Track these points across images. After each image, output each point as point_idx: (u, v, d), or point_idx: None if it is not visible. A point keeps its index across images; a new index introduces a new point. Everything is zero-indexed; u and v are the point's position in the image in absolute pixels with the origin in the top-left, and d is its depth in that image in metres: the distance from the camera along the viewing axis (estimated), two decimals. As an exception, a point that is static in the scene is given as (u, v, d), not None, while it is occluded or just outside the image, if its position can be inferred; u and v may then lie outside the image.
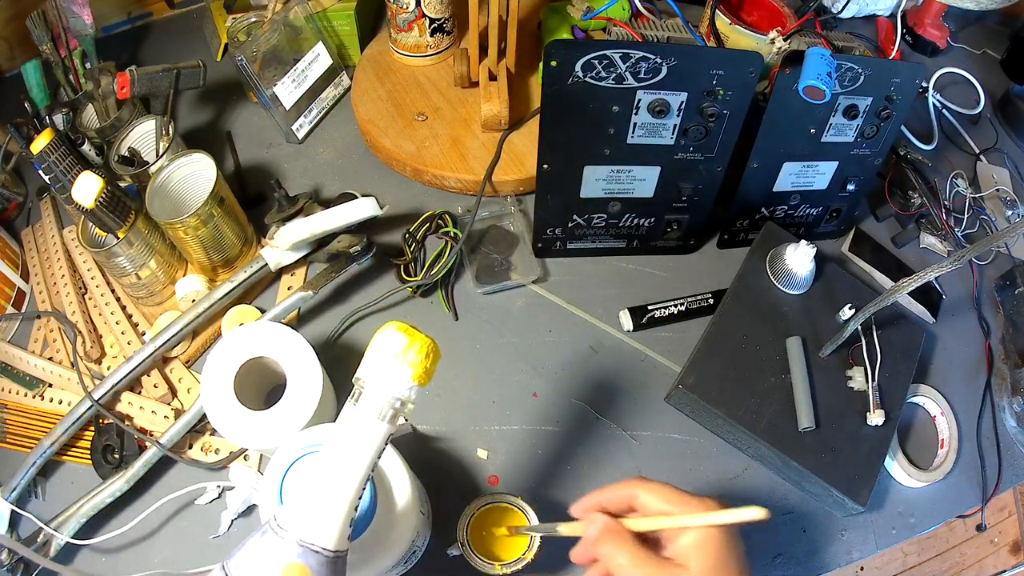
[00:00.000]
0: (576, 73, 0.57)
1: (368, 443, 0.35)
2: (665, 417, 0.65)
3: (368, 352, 0.36)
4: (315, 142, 0.83)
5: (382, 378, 0.35)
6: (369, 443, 0.35)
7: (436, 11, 0.80)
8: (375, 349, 0.35)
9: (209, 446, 0.61)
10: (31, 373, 0.64)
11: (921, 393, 0.68)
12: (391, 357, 0.35)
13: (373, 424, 0.35)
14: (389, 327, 0.35)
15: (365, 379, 0.35)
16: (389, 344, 0.35)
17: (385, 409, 0.35)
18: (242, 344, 0.55)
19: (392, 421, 0.35)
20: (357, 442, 0.35)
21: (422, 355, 0.35)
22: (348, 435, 0.35)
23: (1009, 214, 0.83)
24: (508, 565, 0.51)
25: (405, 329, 0.35)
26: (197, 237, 0.64)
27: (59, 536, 0.55)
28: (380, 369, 0.35)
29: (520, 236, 0.74)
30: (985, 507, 0.65)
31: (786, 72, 0.61)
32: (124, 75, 0.70)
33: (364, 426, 0.35)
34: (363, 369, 0.36)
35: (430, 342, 0.36)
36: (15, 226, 0.77)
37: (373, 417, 0.35)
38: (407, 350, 0.35)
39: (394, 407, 0.35)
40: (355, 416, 0.35)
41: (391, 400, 0.35)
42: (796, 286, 0.66)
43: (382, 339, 0.35)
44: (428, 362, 0.35)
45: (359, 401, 0.35)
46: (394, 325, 0.36)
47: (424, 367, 0.35)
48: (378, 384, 0.35)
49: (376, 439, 0.35)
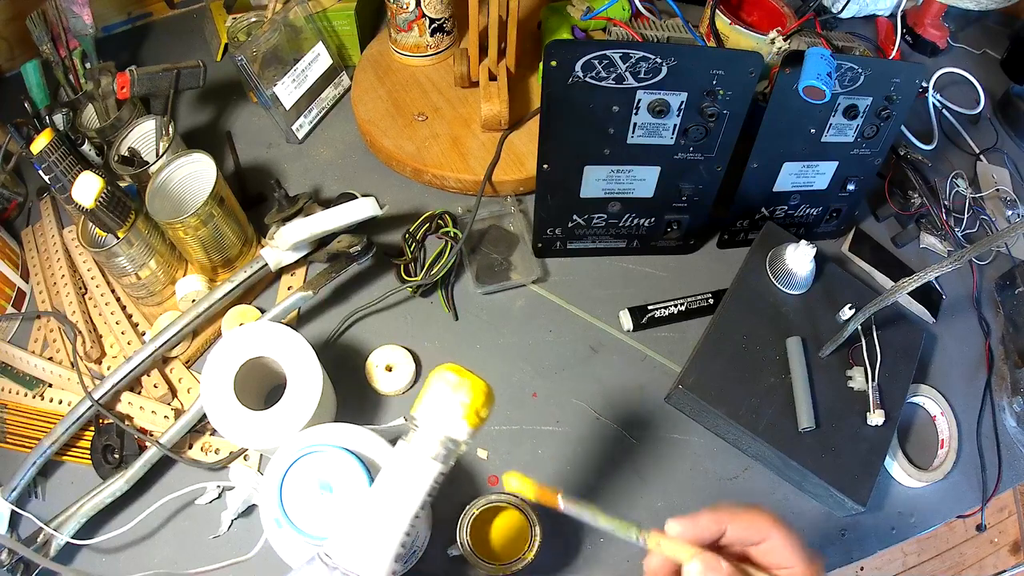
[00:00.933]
0: (576, 73, 0.57)
1: (419, 483, 0.35)
2: (665, 417, 0.65)
3: (424, 392, 0.36)
4: (315, 142, 0.83)
5: (437, 419, 0.35)
6: (420, 483, 0.35)
7: (436, 11, 0.80)
8: (432, 390, 0.35)
9: (209, 446, 0.61)
10: (31, 373, 0.64)
11: (921, 393, 0.68)
12: (447, 399, 0.35)
13: (425, 464, 0.35)
14: (447, 369, 0.36)
15: (420, 419, 0.35)
16: (446, 386, 0.35)
17: (438, 450, 0.35)
18: (242, 344, 0.55)
19: (444, 461, 0.35)
20: (408, 481, 0.35)
21: (479, 399, 0.35)
22: (400, 473, 0.35)
23: (1009, 214, 0.83)
24: (508, 565, 0.51)
25: (462, 372, 0.36)
26: (197, 237, 0.64)
27: (59, 536, 0.55)
28: (435, 410, 0.35)
29: (520, 236, 0.74)
30: (985, 507, 0.65)
31: (786, 72, 0.61)
32: (124, 75, 0.70)
33: (416, 465, 0.35)
34: (418, 408, 0.36)
35: (487, 386, 0.36)
36: (15, 226, 0.77)
37: (426, 457, 0.35)
38: (464, 393, 0.35)
39: (447, 448, 0.35)
40: (408, 455, 0.35)
41: (445, 441, 0.35)
42: (796, 286, 0.66)
43: (439, 380, 0.35)
44: (484, 406, 0.36)
45: (412, 440, 0.35)
46: (452, 367, 0.36)
47: (480, 410, 0.35)
48: (433, 425, 0.35)
49: (428, 479, 0.35)
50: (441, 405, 0.35)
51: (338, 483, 0.44)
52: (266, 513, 0.46)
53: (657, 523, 0.36)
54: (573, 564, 0.58)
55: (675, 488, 0.62)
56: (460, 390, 0.35)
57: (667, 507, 0.61)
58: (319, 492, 0.44)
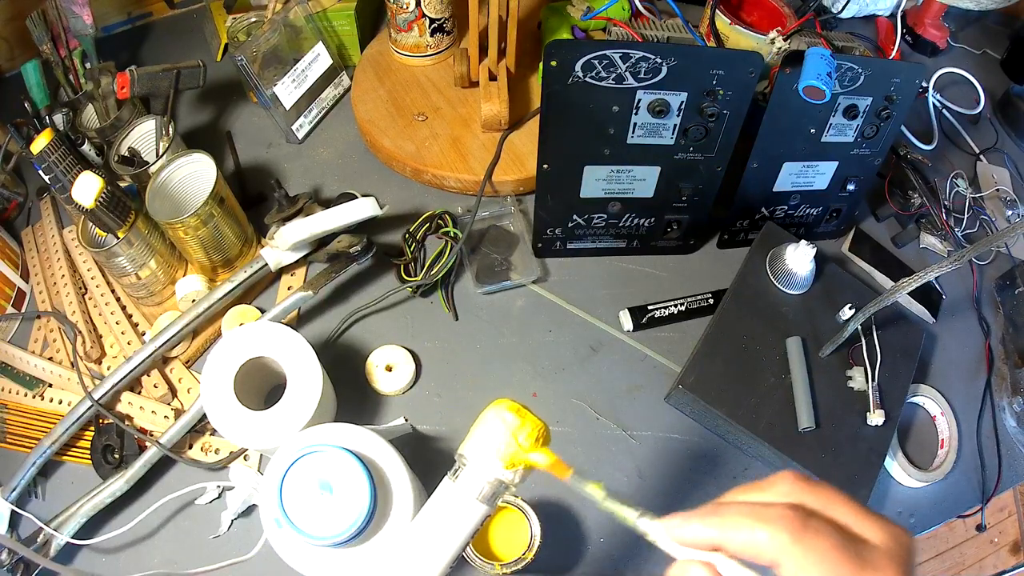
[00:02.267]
0: (576, 73, 0.57)
1: (463, 523, 0.33)
2: (665, 417, 0.65)
3: (476, 427, 0.34)
4: (315, 142, 0.83)
5: (488, 460, 0.33)
6: (464, 523, 0.33)
7: (436, 11, 0.80)
8: (486, 427, 0.33)
9: (209, 446, 0.61)
10: (31, 373, 0.64)
11: (921, 393, 0.68)
12: (502, 439, 0.33)
13: (470, 504, 0.33)
14: (501, 405, 0.33)
15: (470, 457, 0.33)
16: (502, 425, 0.33)
17: (486, 491, 0.33)
18: (242, 344, 0.55)
19: (490, 503, 0.33)
20: (452, 520, 0.33)
21: (532, 438, 0.33)
22: (444, 511, 0.33)
23: (1009, 214, 0.83)
24: (508, 565, 0.51)
25: (517, 410, 0.33)
26: (197, 237, 0.64)
27: (59, 536, 0.55)
28: (488, 450, 0.33)
29: (520, 236, 0.74)
30: (985, 507, 0.65)
31: (786, 72, 0.61)
32: (124, 75, 0.70)
33: (461, 505, 0.33)
34: (468, 446, 0.33)
35: (543, 426, 0.34)
36: (15, 226, 0.77)
37: (471, 497, 0.33)
38: (522, 435, 0.33)
39: (496, 490, 0.33)
40: (453, 493, 0.33)
41: (494, 483, 0.33)
42: (796, 286, 0.66)
43: (496, 418, 0.33)
44: (537, 446, 0.33)
45: (459, 478, 0.33)
46: (506, 404, 0.33)
47: (532, 450, 0.33)
48: (481, 464, 0.33)
49: (472, 520, 0.33)
50: (494, 445, 0.33)
51: (338, 483, 0.44)
52: (266, 513, 0.46)
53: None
54: (573, 564, 0.58)
55: (675, 488, 0.62)
56: (517, 431, 0.33)
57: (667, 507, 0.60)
58: (319, 492, 0.44)
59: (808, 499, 0.29)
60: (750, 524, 0.28)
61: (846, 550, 0.27)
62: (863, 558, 0.27)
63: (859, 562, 0.27)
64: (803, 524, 0.28)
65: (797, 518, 0.28)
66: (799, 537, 0.27)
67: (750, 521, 0.28)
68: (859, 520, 0.29)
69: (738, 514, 0.29)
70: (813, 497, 0.29)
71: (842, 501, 0.29)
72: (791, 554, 0.27)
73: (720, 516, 0.29)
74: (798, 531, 0.27)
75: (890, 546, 0.28)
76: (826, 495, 0.30)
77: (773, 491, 0.30)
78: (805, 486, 0.30)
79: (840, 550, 0.27)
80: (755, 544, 0.28)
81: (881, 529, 0.29)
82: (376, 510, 0.44)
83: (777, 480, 0.31)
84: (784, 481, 0.30)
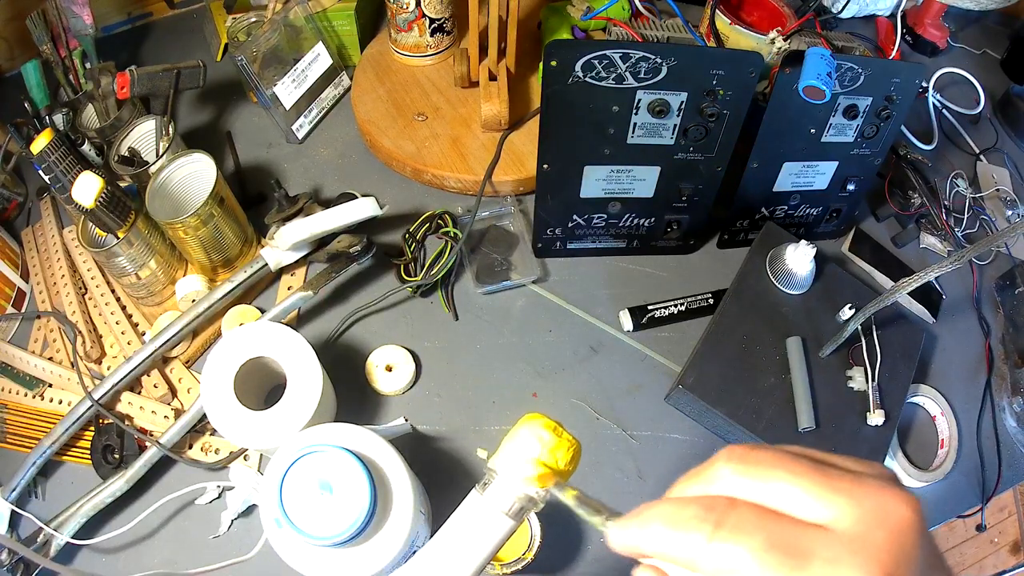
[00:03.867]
0: (576, 73, 0.57)
1: (490, 538, 0.33)
2: (665, 417, 0.65)
3: (508, 441, 0.33)
4: (315, 142, 0.83)
5: (519, 475, 0.32)
6: (490, 538, 0.33)
7: (436, 11, 0.80)
8: (519, 442, 0.33)
9: (209, 446, 0.61)
10: (31, 373, 0.64)
11: (921, 393, 0.68)
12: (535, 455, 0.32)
13: (498, 519, 0.32)
14: (536, 421, 0.33)
15: (500, 471, 0.33)
16: (537, 443, 0.32)
17: (515, 506, 0.32)
18: (242, 344, 0.55)
19: (517, 518, 0.33)
20: (478, 534, 0.33)
21: (566, 457, 0.32)
22: (470, 525, 0.33)
23: (1009, 214, 0.83)
24: (508, 565, 0.51)
25: (552, 428, 0.33)
26: (197, 237, 0.64)
27: (59, 536, 0.55)
28: (519, 465, 0.32)
29: (520, 236, 0.74)
30: (985, 507, 0.65)
31: (786, 72, 0.61)
32: (124, 75, 0.70)
33: (488, 519, 0.33)
34: (499, 459, 0.33)
35: (577, 444, 0.33)
36: (15, 226, 0.77)
37: (499, 512, 0.32)
38: (557, 453, 0.32)
39: (524, 505, 0.32)
40: (481, 507, 0.33)
41: (523, 498, 0.32)
42: (796, 286, 0.66)
43: (530, 434, 0.33)
44: (571, 465, 0.33)
45: (487, 491, 0.33)
46: (541, 421, 0.33)
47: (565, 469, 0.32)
48: (513, 480, 0.32)
49: (499, 535, 0.33)
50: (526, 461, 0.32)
51: (338, 483, 0.44)
52: (266, 513, 0.46)
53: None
54: (573, 564, 0.58)
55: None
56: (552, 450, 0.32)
57: (667, 507, 0.61)
58: (319, 492, 0.44)
59: (742, 479, 0.24)
60: (663, 530, 0.24)
61: (775, 549, 0.21)
62: (804, 554, 0.21)
63: (797, 561, 0.21)
64: (718, 522, 0.23)
65: (711, 516, 0.23)
66: (712, 539, 0.22)
67: (663, 526, 0.24)
68: (810, 495, 0.22)
69: (656, 517, 0.25)
70: (748, 474, 0.24)
71: (785, 471, 0.23)
72: (706, 561, 0.22)
73: (642, 521, 0.25)
74: (711, 532, 0.22)
75: (857, 528, 0.21)
76: (763, 467, 0.24)
77: (709, 475, 0.25)
78: (739, 463, 0.24)
79: (768, 549, 0.21)
80: (670, 553, 0.24)
81: (848, 502, 0.22)
82: (376, 510, 0.44)
83: (714, 461, 0.25)
84: (719, 460, 0.25)
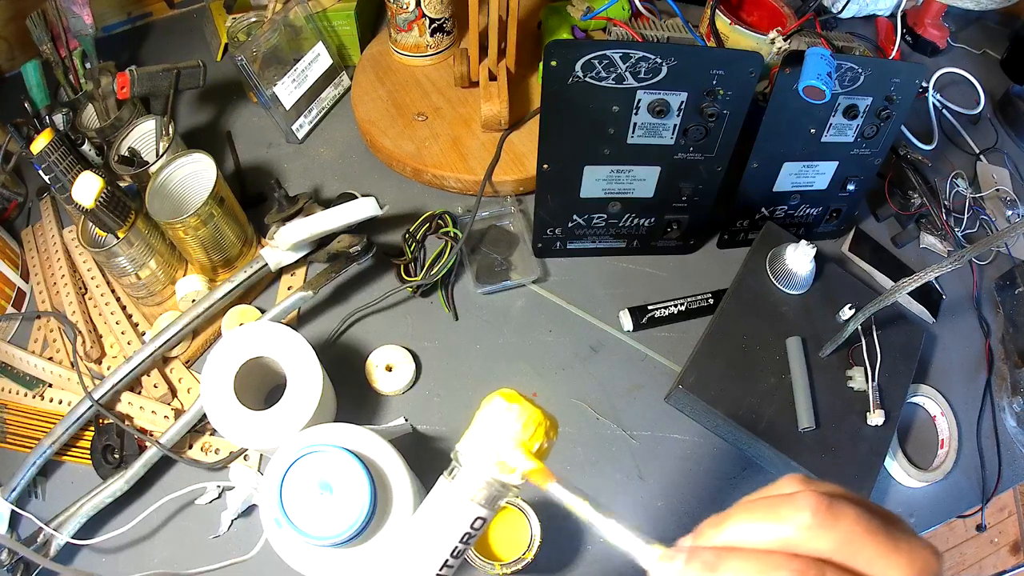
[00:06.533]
0: (576, 73, 0.57)
1: (455, 526, 0.30)
2: (665, 417, 0.65)
3: (474, 422, 0.30)
4: (315, 142, 0.83)
5: (483, 457, 0.29)
6: (457, 526, 0.30)
7: (436, 11, 0.80)
8: (482, 421, 0.30)
9: (209, 446, 0.61)
10: (31, 373, 0.64)
11: (921, 393, 0.68)
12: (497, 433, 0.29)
13: (464, 506, 0.30)
14: (500, 397, 0.30)
15: (464, 454, 0.30)
16: (498, 418, 0.30)
17: (482, 492, 0.30)
18: (242, 344, 0.55)
19: (489, 505, 0.30)
20: (443, 522, 0.30)
21: (538, 435, 0.29)
22: (436, 513, 0.31)
23: (1009, 214, 0.83)
24: (508, 565, 0.51)
25: (517, 399, 0.30)
26: (197, 237, 0.64)
27: (59, 536, 0.55)
28: (482, 446, 0.29)
29: (520, 236, 0.74)
30: (985, 507, 0.65)
31: (786, 72, 0.61)
32: (124, 75, 0.70)
33: (454, 507, 0.30)
34: (464, 442, 0.30)
35: (545, 419, 0.30)
36: (15, 226, 0.77)
37: (465, 499, 0.30)
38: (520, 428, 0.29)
39: (494, 490, 0.30)
40: (447, 494, 0.31)
41: (491, 483, 0.30)
42: (796, 286, 0.66)
43: (491, 411, 0.30)
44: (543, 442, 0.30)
45: (455, 478, 0.30)
46: (506, 394, 0.30)
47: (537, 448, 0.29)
48: (478, 463, 0.30)
49: (464, 523, 0.30)
50: (489, 440, 0.29)
51: (338, 483, 0.44)
52: (266, 513, 0.46)
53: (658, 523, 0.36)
54: (573, 564, 0.58)
55: (675, 488, 0.62)
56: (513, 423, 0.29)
57: (667, 507, 0.61)
58: (319, 492, 0.44)
59: (825, 533, 0.24)
60: None
61: None
62: None
63: None
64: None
65: None
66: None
67: None
68: (883, 559, 0.24)
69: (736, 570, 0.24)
70: (833, 530, 0.24)
71: (866, 533, 0.24)
72: None
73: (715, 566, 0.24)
74: None
75: None
76: (847, 527, 0.24)
77: (785, 514, 0.25)
78: (827, 515, 0.24)
79: None
80: None
81: (908, 562, 0.24)
82: (376, 510, 0.44)
83: (793, 500, 0.25)
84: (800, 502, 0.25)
